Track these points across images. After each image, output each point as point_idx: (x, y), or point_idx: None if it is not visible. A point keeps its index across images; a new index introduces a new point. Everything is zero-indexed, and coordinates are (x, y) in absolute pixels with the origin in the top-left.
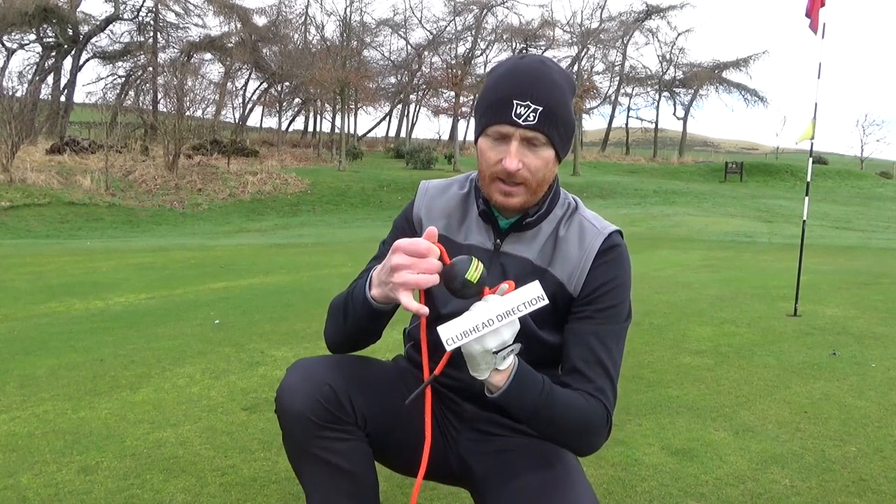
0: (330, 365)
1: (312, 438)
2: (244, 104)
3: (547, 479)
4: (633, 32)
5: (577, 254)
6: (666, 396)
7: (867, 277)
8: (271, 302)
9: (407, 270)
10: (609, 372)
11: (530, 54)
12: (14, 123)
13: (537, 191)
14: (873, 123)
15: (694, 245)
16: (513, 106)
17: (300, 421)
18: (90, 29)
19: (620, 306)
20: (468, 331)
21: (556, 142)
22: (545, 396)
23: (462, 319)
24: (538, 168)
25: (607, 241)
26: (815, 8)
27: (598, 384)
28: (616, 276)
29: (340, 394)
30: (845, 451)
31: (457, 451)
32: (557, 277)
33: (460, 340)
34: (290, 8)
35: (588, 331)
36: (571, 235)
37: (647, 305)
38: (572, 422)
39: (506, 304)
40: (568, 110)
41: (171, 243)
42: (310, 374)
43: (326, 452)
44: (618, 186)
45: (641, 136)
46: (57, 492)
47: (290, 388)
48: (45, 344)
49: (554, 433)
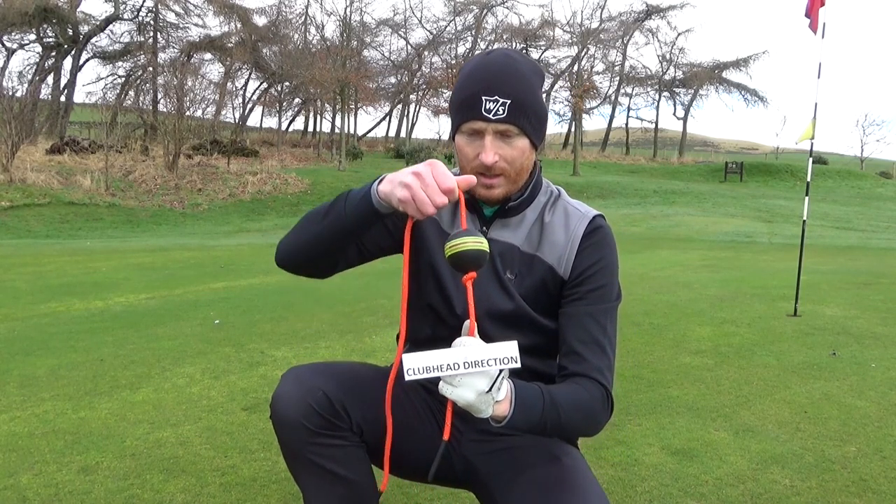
0: (323, 372)
1: (308, 445)
2: (244, 104)
3: (555, 473)
4: (633, 32)
5: (564, 237)
6: (666, 396)
7: (867, 277)
8: (271, 302)
9: (422, 185)
10: (605, 350)
11: (497, 49)
12: (14, 123)
13: (517, 180)
14: (873, 123)
15: (694, 245)
16: (482, 102)
17: (295, 428)
18: (90, 29)
19: (610, 286)
20: (431, 367)
21: (528, 131)
22: (549, 407)
23: (429, 355)
24: (515, 158)
25: (591, 224)
26: (815, 8)
27: (596, 363)
28: (603, 257)
29: (334, 399)
30: (845, 451)
31: (461, 453)
32: (547, 262)
33: (419, 375)
34: (290, 8)
35: (582, 312)
36: (557, 220)
37: (647, 305)
38: (578, 418)
39: (477, 355)
40: (537, 99)
41: (171, 243)
42: (303, 381)
43: (322, 458)
44: (618, 186)
45: (641, 136)
46: (57, 492)
47: (283, 395)
48: (45, 344)
49: (562, 433)
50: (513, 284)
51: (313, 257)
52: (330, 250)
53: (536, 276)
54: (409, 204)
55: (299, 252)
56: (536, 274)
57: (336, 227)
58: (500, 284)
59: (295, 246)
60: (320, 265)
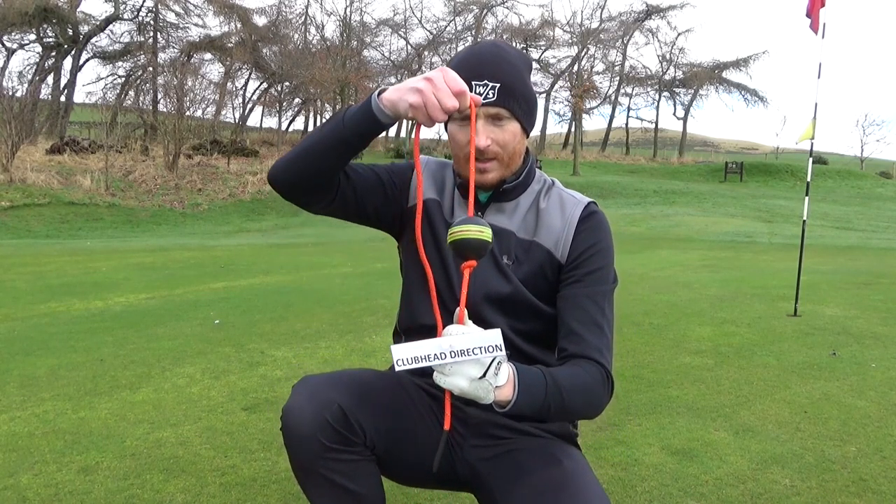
0: (337, 383)
1: (319, 459)
2: (244, 104)
3: (557, 476)
4: (633, 32)
5: (560, 223)
6: (666, 396)
7: (867, 277)
8: (271, 302)
9: (433, 89)
10: (604, 330)
11: (485, 39)
12: (14, 123)
13: (510, 164)
14: (873, 123)
15: (694, 245)
16: (472, 87)
17: (310, 443)
18: (90, 29)
19: (606, 268)
20: (419, 357)
21: (518, 115)
22: (552, 390)
23: (417, 345)
24: (507, 141)
25: (586, 210)
26: (816, 8)
27: (595, 343)
28: (599, 241)
29: (349, 413)
30: (845, 451)
31: (463, 458)
32: (545, 246)
33: (409, 365)
34: (290, 8)
35: (580, 294)
36: (552, 207)
37: (647, 305)
38: (580, 400)
39: (462, 343)
40: (526, 85)
41: (171, 243)
42: (317, 394)
43: (333, 473)
44: (618, 186)
45: (641, 136)
46: (57, 492)
47: (296, 409)
48: (45, 344)
49: (565, 416)
50: (511, 269)
51: (305, 171)
52: (324, 165)
53: (535, 262)
54: (419, 109)
55: (292, 163)
56: (535, 259)
57: (333, 136)
58: (497, 269)
59: (289, 158)
60: (312, 182)
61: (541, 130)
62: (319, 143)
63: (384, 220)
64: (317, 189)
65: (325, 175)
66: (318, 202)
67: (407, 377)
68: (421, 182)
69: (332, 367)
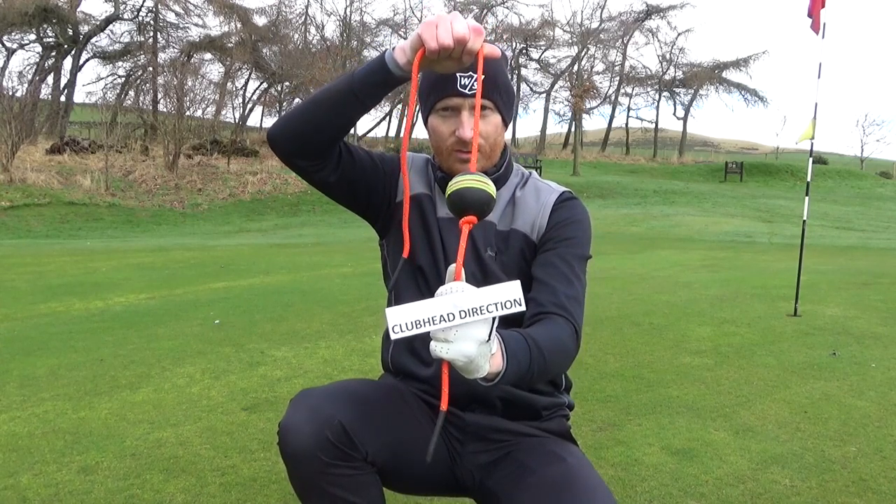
0: (336, 398)
1: (319, 475)
2: (244, 104)
3: (562, 474)
4: (633, 32)
5: (535, 207)
6: (666, 396)
7: (867, 277)
8: (271, 302)
9: (446, 23)
10: (573, 283)
11: None
12: (14, 123)
13: (492, 156)
14: (873, 123)
15: (694, 245)
16: (457, 79)
17: (310, 460)
18: (90, 29)
19: (580, 238)
20: (421, 321)
21: (500, 107)
22: (535, 353)
23: (417, 306)
24: (489, 133)
25: (562, 196)
26: (817, 8)
27: (564, 291)
28: (573, 215)
29: (350, 430)
30: (845, 451)
31: (462, 464)
32: (521, 231)
33: (409, 331)
34: (290, 8)
35: (551, 254)
36: (528, 195)
37: (647, 305)
38: (558, 359)
39: (474, 300)
40: (506, 78)
41: (171, 243)
42: (317, 410)
43: (334, 487)
44: (618, 186)
45: (641, 136)
46: (57, 492)
47: (295, 426)
48: (45, 344)
49: (543, 376)
50: (493, 262)
51: (308, 125)
52: (328, 121)
53: (515, 249)
54: (429, 26)
55: (294, 118)
56: (514, 247)
57: (342, 88)
58: (479, 263)
59: (291, 113)
60: (314, 140)
61: (541, 130)
62: (326, 95)
63: (373, 203)
64: (318, 151)
65: (327, 131)
66: (317, 168)
67: (403, 386)
68: (405, 164)
69: (332, 366)
